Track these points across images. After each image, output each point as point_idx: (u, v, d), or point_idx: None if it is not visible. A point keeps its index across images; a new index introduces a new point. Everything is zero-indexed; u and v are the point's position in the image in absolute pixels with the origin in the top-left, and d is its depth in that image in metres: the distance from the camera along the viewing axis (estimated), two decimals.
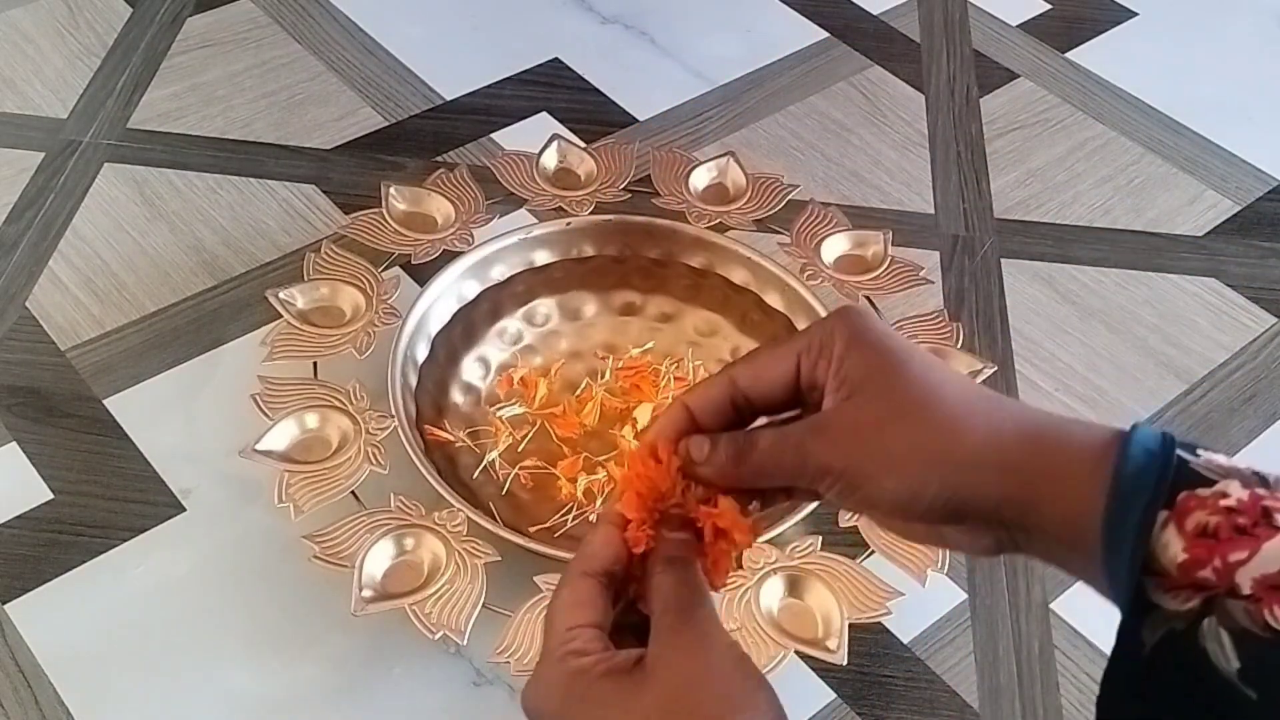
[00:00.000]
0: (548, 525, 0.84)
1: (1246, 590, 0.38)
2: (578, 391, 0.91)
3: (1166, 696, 0.40)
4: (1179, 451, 0.40)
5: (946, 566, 0.80)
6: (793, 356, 0.46)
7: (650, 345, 0.95)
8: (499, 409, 0.88)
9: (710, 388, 0.48)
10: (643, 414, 0.89)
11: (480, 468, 0.86)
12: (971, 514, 0.43)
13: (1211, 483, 0.39)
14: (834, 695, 0.79)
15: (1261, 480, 0.39)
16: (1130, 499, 0.40)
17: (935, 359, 0.46)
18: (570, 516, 0.84)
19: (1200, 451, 0.41)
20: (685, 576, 0.47)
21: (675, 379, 0.92)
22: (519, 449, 0.87)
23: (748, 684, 0.43)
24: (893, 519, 0.45)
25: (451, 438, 0.86)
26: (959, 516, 0.44)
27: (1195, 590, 0.39)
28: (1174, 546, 0.39)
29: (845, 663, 0.75)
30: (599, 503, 0.85)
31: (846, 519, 0.81)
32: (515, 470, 0.86)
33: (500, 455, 0.86)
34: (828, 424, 0.45)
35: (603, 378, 0.92)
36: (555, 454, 0.87)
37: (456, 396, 0.91)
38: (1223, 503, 0.39)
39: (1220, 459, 0.40)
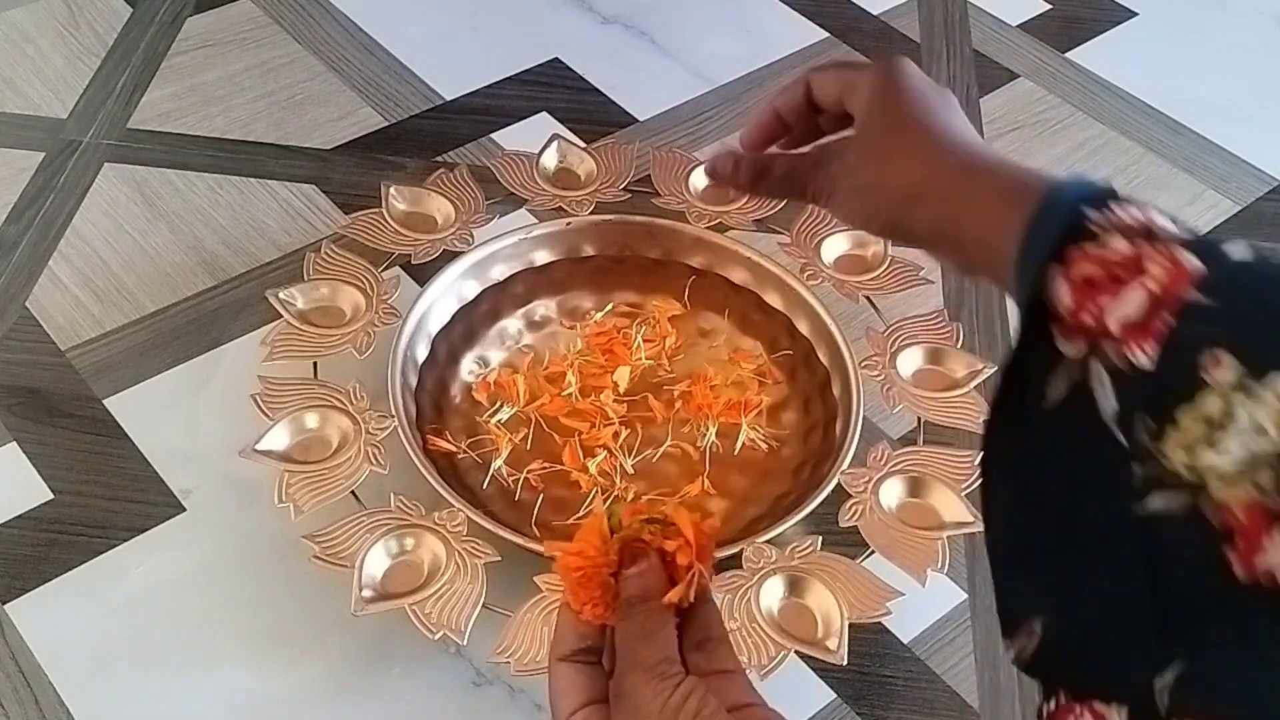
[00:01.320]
0: (582, 517, 0.84)
1: (1116, 332, 0.42)
2: (545, 366, 0.92)
3: (1056, 447, 0.44)
4: (1085, 208, 0.45)
5: (947, 566, 0.80)
6: (842, 78, 0.59)
7: (610, 308, 0.95)
8: (491, 415, 0.88)
9: (791, 91, 0.61)
10: (621, 376, 0.90)
11: (489, 478, 0.85)
12: (916, 239, 0.54)
13: (1101, 238, 0.44)
14: (834, 695, 0.79)
15: (1148, 233, 0.43)
16: (1037, 247, 0.45)
17: (950, 100, 0.56)
18: (601, 502, 0.84)
19: (1114, 205, 0.45)
20: (632, 626, 0.49)
21: (645, 341, 0.92)
22: (528, 447, 0.87)
23: None
24: (863, 229, 0.57)
25: (454, 448, 0.86)
26: (909, 240, 0.54)
27: (1082, 334, 0.43)
28: (1063, 294, 0.44)
29: (845, 663, 0.75)
30: (618, 477, 0.85)
31: (846, 519, 0.81)
32: (524, 474, 0.86)
33: (505, 462, 0.86)
34: (828, 157, 0.59)
35: (575, 347, 0.93)
36: (557, 447, 0.88)
37: (456, 397, 0.91)
38: (1107, 255, 0.43)
39: (1131, 212, 0.45)
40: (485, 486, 0.85)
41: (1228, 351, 0.38)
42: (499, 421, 0.88)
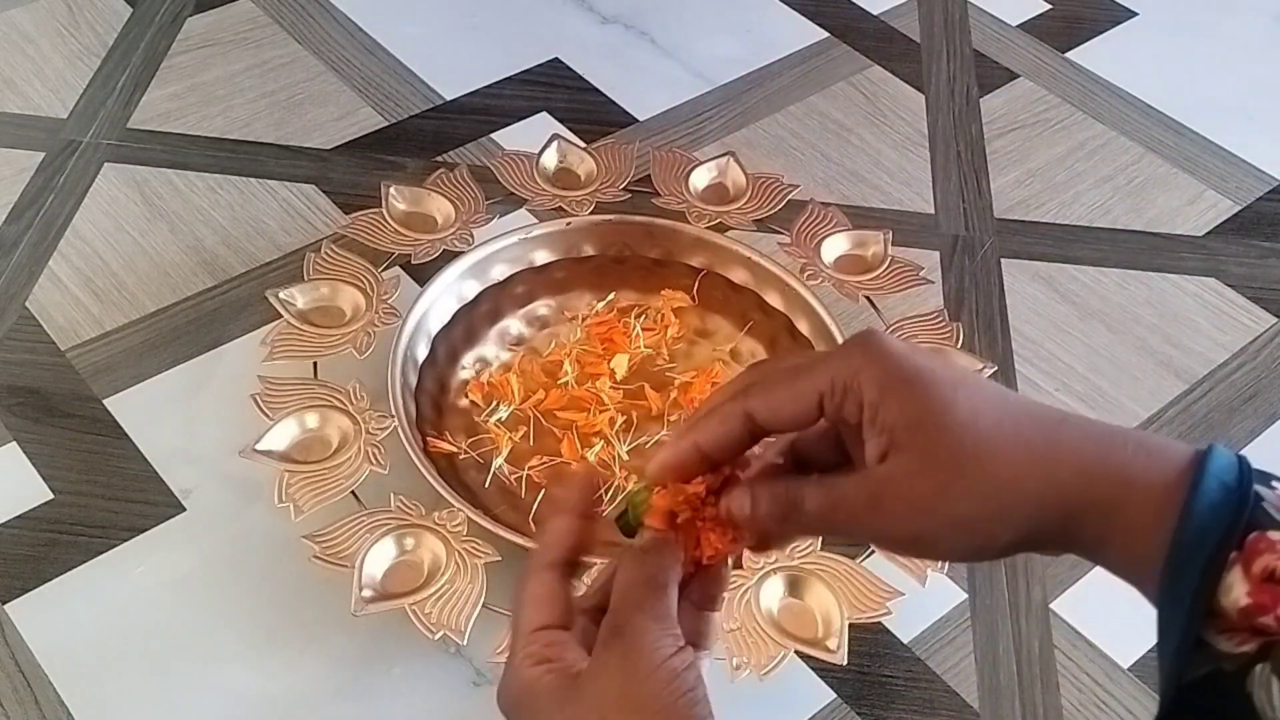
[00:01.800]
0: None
1: None
2: (546, 354, 0.92)
3: None
4: (1256, 487, 0.39)
5: (947, 567, 0.80)
6: (814, 395, 0.44)
7: (612, 297, 0.95)
8: (489, 415, 0.88)
9: (722, 423, 0.45)
10: (619, 365, 0.90)
11: (490, 477, 0.85)
12: (1042, 547, 0.43)
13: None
14: (834, 695, 0.79)
15: None
16: (1200, 536, 0.38)
17: (970, 381, 0.43)
18: (603, 492, 0.84)
19: (1276, 484, 0.39)
20: (638, 572, 0.46)
21: (644, 329, 0.93)
22: (530, 443, 0.87)
23: (674, 701, 0.42)
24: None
25: (455, 449, 0.86)
26: (1032, 548, 0.43)
27: (1253, 635, 0.37)
28: (1238, 589, 0.38)
29: (845, 663, 0.75)
30: (616, 466, 0.85)
31: None
32: (525, 470, 0.86)
33: (506, 461, 0.86)
34: (881, 494, 0.43)
35: (574, 337, 0.93)
36: (557, 442, 0.88)
37: (456, 397, 0.91)
38: None
39: None
40: (487, 486, 0.85)
41: None
42: (498, 420, 0.88)
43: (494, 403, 0.89)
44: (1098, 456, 0.41)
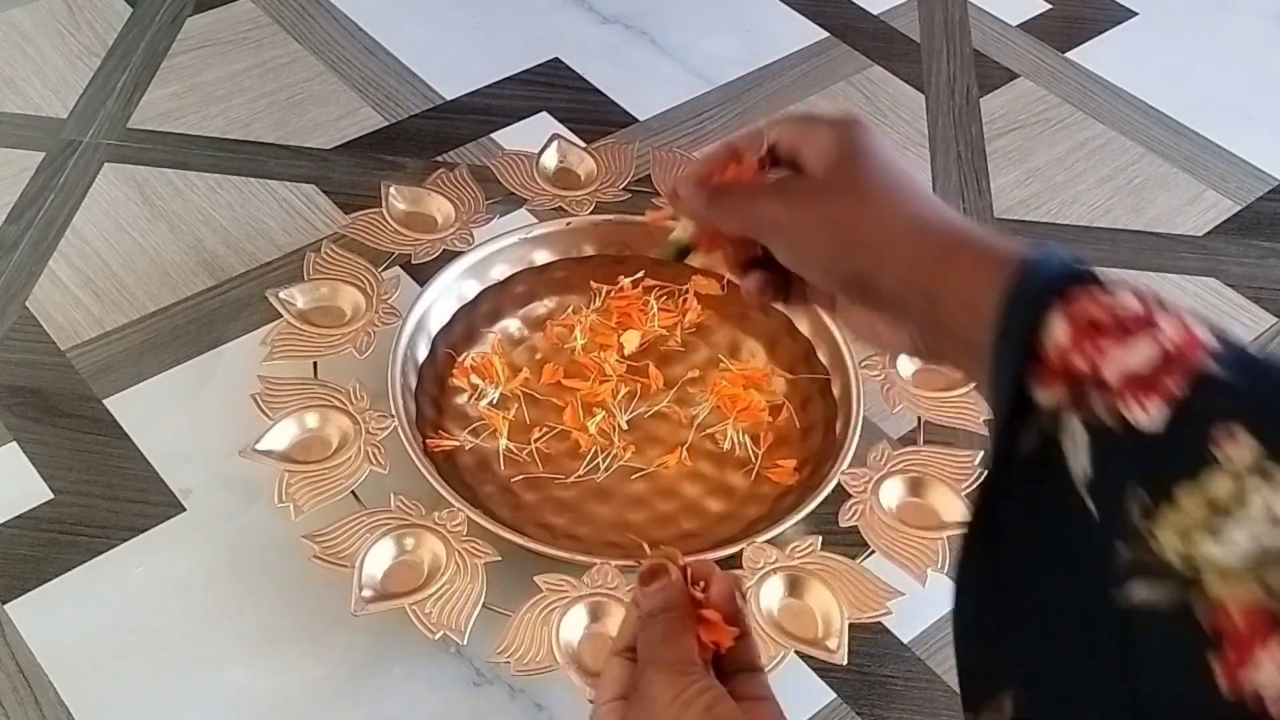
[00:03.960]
0: (582, 477, 0.85)
1: (1111, 382, 0.37)
2: (564, 315, 0.93)
3: (1019, 520, 0.40)
4: (1091, 270, 0.42)
5: (947, 566, 0.80)
6: (801, 128, 0.53)
7: (641, 275, 0.95)
8: (477, 399, 0.89)
9: (750, 131, 0.55)
10: (629, 340, 0.91)
11: (500, 459, 0.86)
12: (885, 296, 0.47)
13: (1112, 292, 0.40)
14: (834, 695, 0.79)
15: (1159, 301, 0.40)
16: (1032, 288, 0.41)
17: (904, 168, 0.51)
18: (600, 461, 0.86)
19: (1111, 281, 0.42)
20: (653, 632, 0.51)
21: (661, 309, 0.93)
22: (526, 420, 0.88)
23: None
24: (826, 287, 0.50)
25: (457, 442, 0.86)
26: (874, 295, 0.48)
27: (1066, 381, 0.39)
28: (1059, 331, 0.39)
29: (845, 663, 0.75)
30: (616, 435, 0.87)
31: (846, 519, 0.81)
32: (533, 444, 0.86)
33: (510, 441, 0.87)
34: (789, 185, 0.52)
35: (595, 302, 0.94)
36: (558, 412, 0.89)
37: (459, 400, 0.91)
38: (1116, 308, 0.39)
39: (1131, 283, 0.41)
40: (501, 469, 0.86)
41: (1246, 430, 0.34)
42: (489, 403, 0.88)
43: (479, 388, 0.89)
44: (962, 225, 0.47)
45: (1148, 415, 0.36)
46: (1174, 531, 0.34)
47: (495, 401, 0.89)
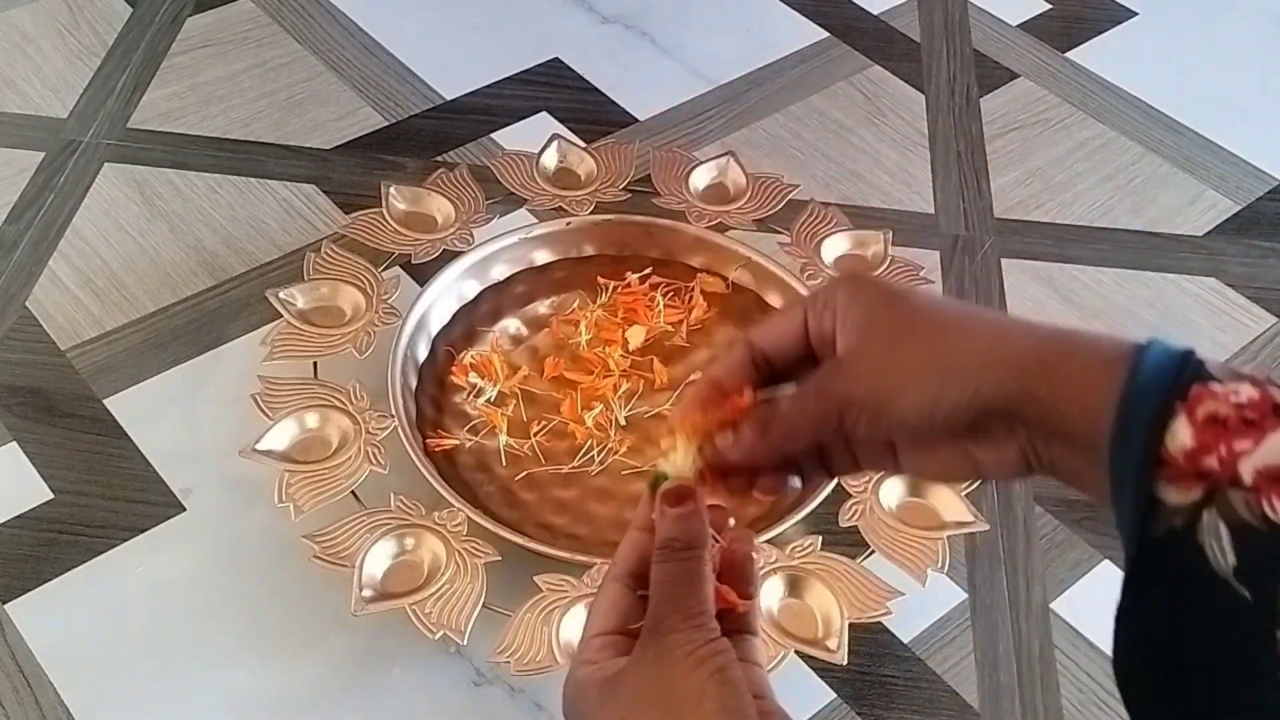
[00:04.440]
0: (578, 467, 0.86)
1: (1248, 481, 0.38)
2: (570, 310, 0.93)
3: (1164, 600, 0.40)
4: (1196, 356, 0.41)
5: (947, 566, 0.80)
6: (800, 313, 0.49)
7: (649, 271, 0.96)
8: (475, 397, 0.89)
9: (729, 355, 0.50)
10: (634, 336, 0.91)
11: (501, 456, 0.86)
12: (995, 417, 0.44)
13: (1224, 381, 0.40)
14: (834, 695, 0.79)
15: (1273, 382, 0.40)
16: (1147, 388, 0.40)
17: (939, 294, 0.47)
18: (595, 453, 0.86)
19: (1213, 364, 0.41)
20: (673, 570, 0.48)
21: (667, 305, 0.93)
22: (526, 420, 0.89)
23: (702, 684, 0.45)
24: (924, 438, 0.46)
25: (457, 440, 0.86)
26: (984, 422, 0.44)
27: (1199, 480, 0.39)
28: (1183, 434, 0.39)
29: (845, 662, 0.75)
30: (613, 429, 0.87)
31: (846, 519, 0.81)
32: (534, 438, 0.87)
33: (510, 436, 0.87)
34: (842, 361, 0.47)
35: (602, 296, 0.94)
36: (556, 404, 0.89)
37: (459, 399, 0.91)
38: (1233, 398, 0.39)
39: (1233, 370, 0.41)
40: (504, 465, 0.86)
41: None
42: (487, 401, 0.88)
43: (477, 385, 0.89)
44: (1050, 330, 0.44)
45: None
46: None
47: (493, 399, 0.89)
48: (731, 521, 0.51)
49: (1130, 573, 0.41)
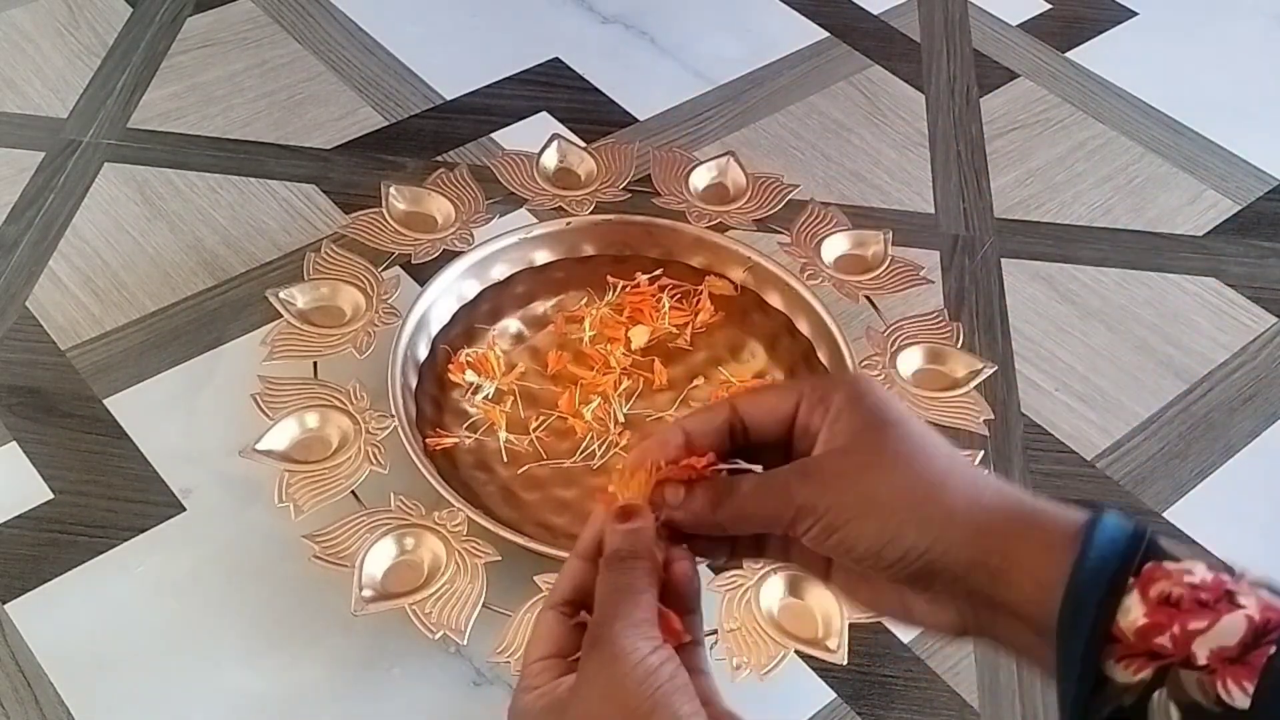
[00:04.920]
0: (578, 462, 0.86)
1: (1202, 661, 0.38)
2: (576, 307, 0.94)
3: None
4: (1150, 533, 0.41)
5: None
6: (794, 397, 0.48)
7: (660, 273, 0.96)
8: (474, 394, 0.89)
9: (710, 411, 0.49)
10: (637, 335, 0.91)
11: (503, 452, 0.87)
12: (941, 574, 0.44)
13: (1178, 560, 0.40)
14: (834, 695, 0.79)
15: (1226, 567, 0.40)
16: (1101, 564, 0.40)
17: (929, 428, 0.47)
18: (596, 446, 0.87)
19: (1165, 540, 0.41)
20: (619, 580, 0.48)
21: (673, 307, 0.94)
22: (524, 416, 0.89)
23: (651, 694, 0.44)
24: (864, 569, 0.46)
25: (456, 438, 0.86)
26: (928, 575, 0.44)
27: (1149, 660, 0.39)
28: (1135, 611, 0.39)
29: (845, 662, 0.75)
30: (612, 423, 0.88)
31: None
32: (533, 434, 0.87)
33: (509, 433, 0.87)
34: (815, 467, 0.46)
35: (610, 294, 0.94)
36: (555, 399, 0.90)
37: (457, 398, 0.91)
38: (1187, 578, 0.39)
39: (1185, 548, 0.41)
40: (505, 460, 0.86)
41: None
42: (485, 397, 0.88)
43: (474, 383, 0.89)
44: (1017, 495, 0.44)
45: (1245, 694, 0.37)
46: None
47: (491, 395, 0.89)
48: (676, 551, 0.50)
49: None
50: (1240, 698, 0.37)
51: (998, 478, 0.46)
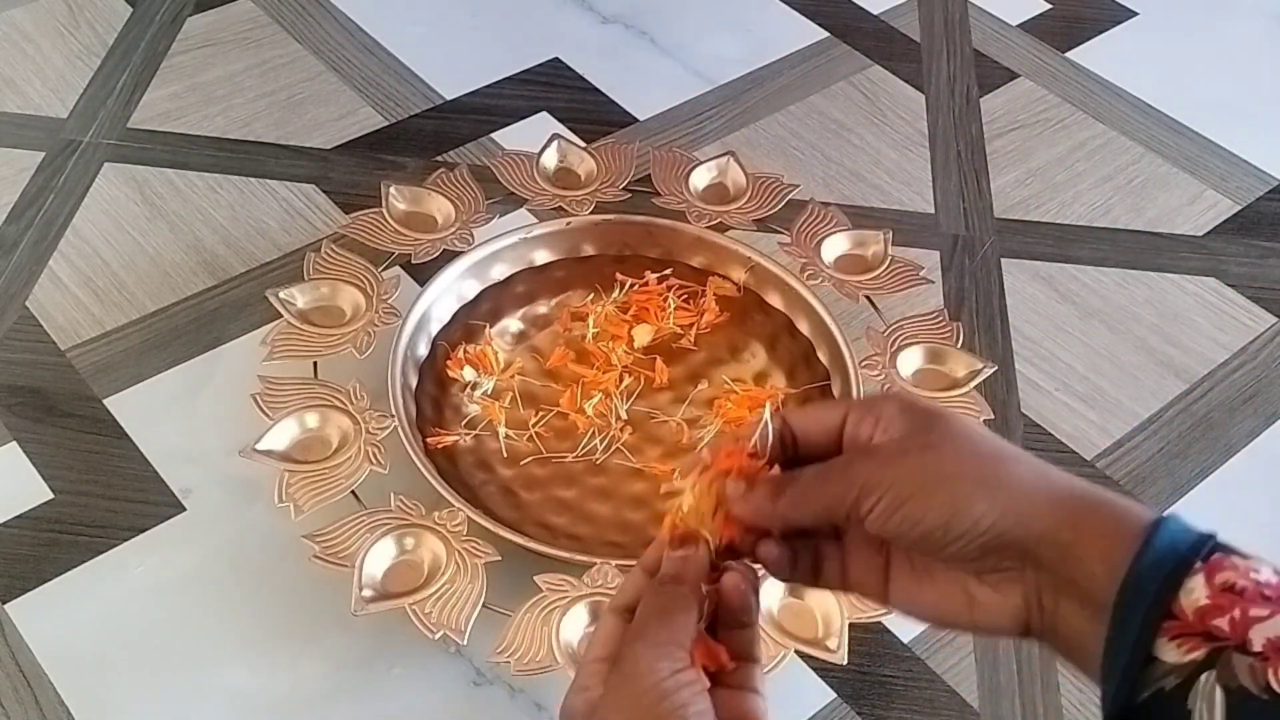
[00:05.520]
0: (580, 456, 0.87)
1: (1258, 647, 0.38)
2: (580, 304, 0.94)
3: None
4: (1219, 537, 0.42)
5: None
6: (842, 409, 0.49)
7: (669, 273, 0.96)
8: (472, 390, 0.89)
9: (767, 426, 0.50)
10: (640, 334, 0.92)
11: (503, 449, 0.87)
12: (1011, 547, 0.43)
13: (1246, 557, 0.40)
14: (834, 695, 0.79)
15: None
16: (1172, 544, 0.41)
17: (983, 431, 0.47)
18: (598, 441, 0.87)
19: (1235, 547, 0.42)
20: (655, 602, 0.49)
21: (678, 307, 0.94)
22: (524, 412, 0.89)
23: (664, 717, 0.45)
24: (927, 551, 0.45)
25: (455, 436, 0.86)
26: (997, 550, 0.44)
27: (1204, 640, 0.39)
28: (1199, 591, 0.39)
29: (845, 662, 0.75)
30: (614, 419, 0.88)
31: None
32: (533, 429, 0.87)
33: (509, 429, 0.87)
34: (876, 447, 0.47)
35: (616, 292, 0.94)
36: (554, 400, 0.90)
37: (457, 396, 0.91)
38: (1253, 574, 0.40)
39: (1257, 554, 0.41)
40: (504, 455, 0.86)
41: None
42: (484, 394, 0.89)
43: (473, 380, 0.90)
44: (1084, 483, 0.45)
45: None
46: None
47: (490, 392, 0.89)
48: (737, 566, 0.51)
49: None
50: None
51: (1058, 469, 0.46)
